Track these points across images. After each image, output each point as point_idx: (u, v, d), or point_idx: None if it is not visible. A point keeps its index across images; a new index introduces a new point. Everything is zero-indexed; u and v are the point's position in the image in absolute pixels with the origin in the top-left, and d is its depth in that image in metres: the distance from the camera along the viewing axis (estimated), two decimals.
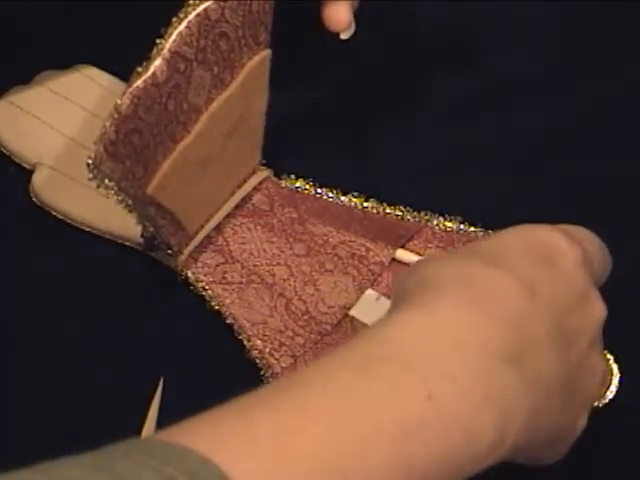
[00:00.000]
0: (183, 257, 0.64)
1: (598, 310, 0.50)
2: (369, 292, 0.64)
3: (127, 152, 0.55)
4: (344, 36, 0.64)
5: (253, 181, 0.67)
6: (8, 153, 0.69)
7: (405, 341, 0.45)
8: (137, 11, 0.74)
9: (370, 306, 0.63)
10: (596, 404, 0.56)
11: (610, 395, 0.57)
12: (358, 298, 0.64)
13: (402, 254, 0.66)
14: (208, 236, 0.65)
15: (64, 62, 0.72)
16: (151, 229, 0.61)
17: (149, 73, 0.55)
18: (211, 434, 0.40)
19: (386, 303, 0.62)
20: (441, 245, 0.66)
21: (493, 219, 0.66)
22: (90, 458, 0.38)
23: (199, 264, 0.64)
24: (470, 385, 0.44)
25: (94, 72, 0.71)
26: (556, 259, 0.49)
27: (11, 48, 0.73)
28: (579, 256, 0.50)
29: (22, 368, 0.63)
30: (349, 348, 0.45)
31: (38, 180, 0.67)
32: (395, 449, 0.42)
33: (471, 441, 0.44)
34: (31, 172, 0.68)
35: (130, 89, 0.55)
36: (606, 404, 0.57)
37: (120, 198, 0.57)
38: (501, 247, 0.50)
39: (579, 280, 0.50)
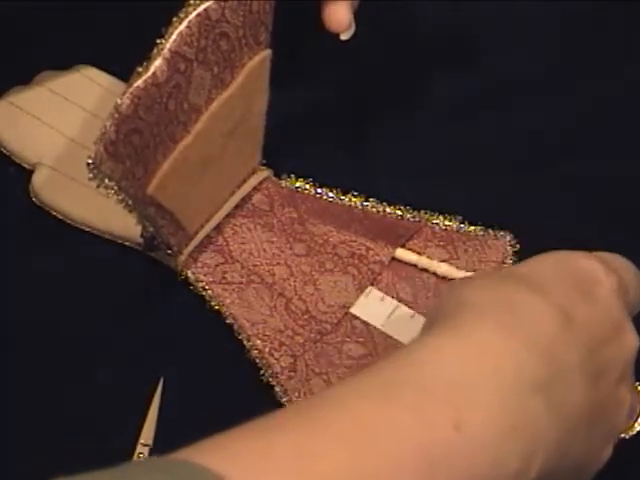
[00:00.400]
0: (183, 257, 0.64)
1: (631, 342, 0.50)
2: (374, 292, 0.64)
3: (127, 152, 0.55)
4: (344, 36, 0.64)
5: (253, 181, 0.67)
6: (8, 153, 0.69)
7: (436, 366, 0.44)
8: (137, 11, 0.74)
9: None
10: (623, 436, 0.55)
11: (638, 427, 0.56)
12: (358, 297, 0.64)
13: (402, 253, 0.66)
14: (208, 236, 0.65)
15: (64, 62, 0.72)
16: (151, 229, 0.61)
17: (149, 73, 0.55)
18: (228, 453, 0.40)
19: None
20: (441, 244, 0.66)
21: (493, 219, 0.66)
22: (107, 475, 0.38)
23: (199, 264, 0.64)
24: (499, 414, 0.44)
25: (94, 72, 0.71)
26: (593, 287, 0.49)
27: (11, 48, 0.73)
28: (615, 284, 0.50)
29: (22, 368, 0.62)
30: (378, 370, 0.45)
31: (38, 180, 0.67)
32: (419, 478, 0.41)
33: (496, 470, 0.43)
34: (31, 172, 0.68)
35: (130, 89, 0.55)
36: (633, 435, 0.56)
37: (120, 198, 0.57)
38: (539, 272, 0.50)
39: (614, 310, 0.50)
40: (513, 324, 0.46)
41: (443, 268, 0.65)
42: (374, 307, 0.64)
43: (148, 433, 0.60)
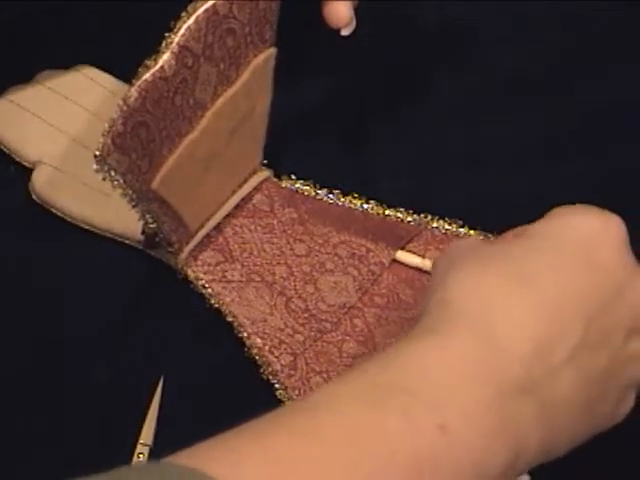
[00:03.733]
0: (183, 255, 0.64)
1: (638, 293, 0.49)
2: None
3: (134, 145, 0.55)
4: (345, 32, 0.64)
5: (253, 181, 0.67)
6: (8, 152, 0.69)
7: (419, 372, 0.45)
8: (137, 12, 0.74)
9: None
10: None
11: None
12: (359, 298, 0.64)
13: (402, 255, 0.66)
14: (208, 235, 0.65)
15: (64, 62, 0.72)
16: (153, 225, 0.60)
17: (157, 67, 0.55)
18: (229, 459, 0.40)
19: None
20: (441, 247, 0.66)
21: (493, 219, 0.66)
22: (103, 478, 0.38)
23: (199, 262, 0.64)
24: (482, 418, 0.44)
25: (94, 72, 0.71)
26: (591, 253, 0.48)
27: (11, 48, 0.73)
28: (616, 236, 0.49)
29: (22, 368, 0.62)
30: (366, 372, 0.45)
31: (38, 179, 0.67)
32: (408, 479, 0.41)
33: (482, 470, 0.44)
34: (31, 170, 0.68)
35: (139, 82, 0.55)
36: None
37: (124, 192, 0.57)
38: (531, 254, 0.49)
39: (617, 267, 0.49)
40: (491, 330, 0.46)
41: None
42: None
43: (148, 433, 0.60)
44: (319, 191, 0.68)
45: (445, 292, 0.48)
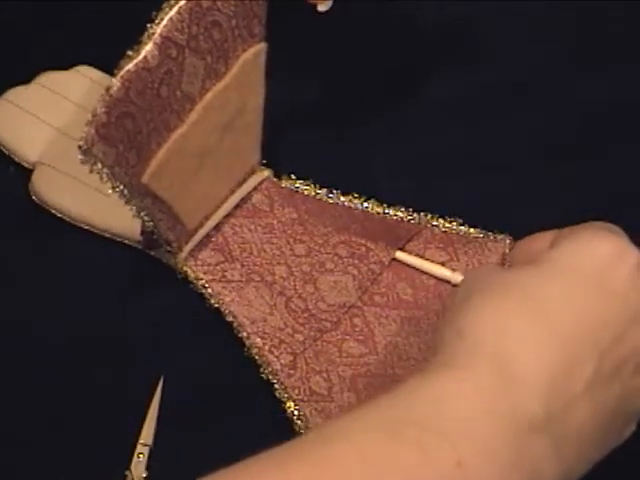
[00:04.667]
0: (183, 255, 0.64)
1: None
2: None
3: (120, 136, 0.55)
4: (322, 8, 0.63)
5: (253, 181, 0.67)
6: (8, 152, 0.69)
7: (432, 406, 0.45)
8: (138, 12, 0.74)
9: None
10: None
11: None
12: (359, 297, 0.64)
13: (402, 255, 0.66)
14: (208, 235, 0.65)
15: (64, 62, 0.72)
16: (149, 223, 0.60)
17: (140, 57, 0.55)
18: None
19: None
20: (441, 246, 0.66)
21: (493, 219, 0.66)
22: None
23: (199, 262, 0.64)
24: (498, 453, 0.44)
25: (94, 73, 0.71)
26: (607, 279, 0.49)
27: (11, 48, 0.73)
28: (635, 260, 0.49)
29: (21, 368, 0.62)
30: (382, 405, 0.45)
31: (38, 179, 0.67)
32: None
33: None
34: (31, 171, 0.68)
35: (121, 72, 0.54)
36: None
37: (114, 185, 0.56)
38: (545, 282, 0.49)
39: (632, 295, 0.49)
40: (509, 362, 0.46)
41: (442, 270, 0.65)
42: None
43: (148, 433, 0.60)
44: (319, 191, 0.68)
45: (461, 323, 0.48)
